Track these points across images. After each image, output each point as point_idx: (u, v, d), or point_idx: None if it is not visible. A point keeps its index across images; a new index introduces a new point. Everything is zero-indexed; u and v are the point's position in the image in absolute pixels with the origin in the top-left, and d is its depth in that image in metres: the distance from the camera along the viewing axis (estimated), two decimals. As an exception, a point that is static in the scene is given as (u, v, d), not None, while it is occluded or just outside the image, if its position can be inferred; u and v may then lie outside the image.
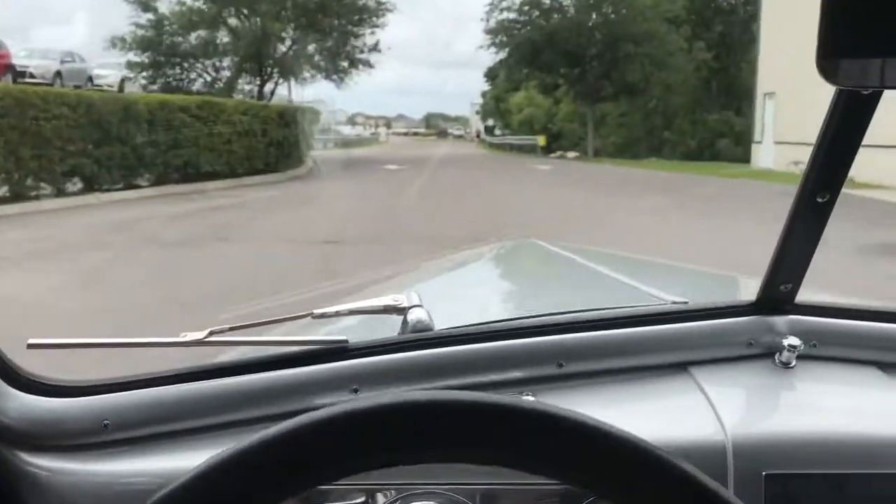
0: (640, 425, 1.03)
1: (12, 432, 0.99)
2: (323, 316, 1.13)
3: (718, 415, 1.04)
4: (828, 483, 0.99)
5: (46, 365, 0.99)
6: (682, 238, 8.89)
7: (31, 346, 0.97)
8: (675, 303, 1.30)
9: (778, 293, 1.16)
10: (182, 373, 1.04)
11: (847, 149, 1.01)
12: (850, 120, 0.97)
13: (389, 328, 1.19)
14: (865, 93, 0.93)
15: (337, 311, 1.14)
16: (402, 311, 1.15)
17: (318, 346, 1.08)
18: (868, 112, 0.97)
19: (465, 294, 1.96)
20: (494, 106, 44.79)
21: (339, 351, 1.08)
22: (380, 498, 0.98)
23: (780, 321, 1.17)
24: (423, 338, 1.12)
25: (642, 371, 1.15)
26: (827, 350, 1.16)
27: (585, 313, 1.20)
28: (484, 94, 48.68)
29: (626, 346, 1.15)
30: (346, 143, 35.81)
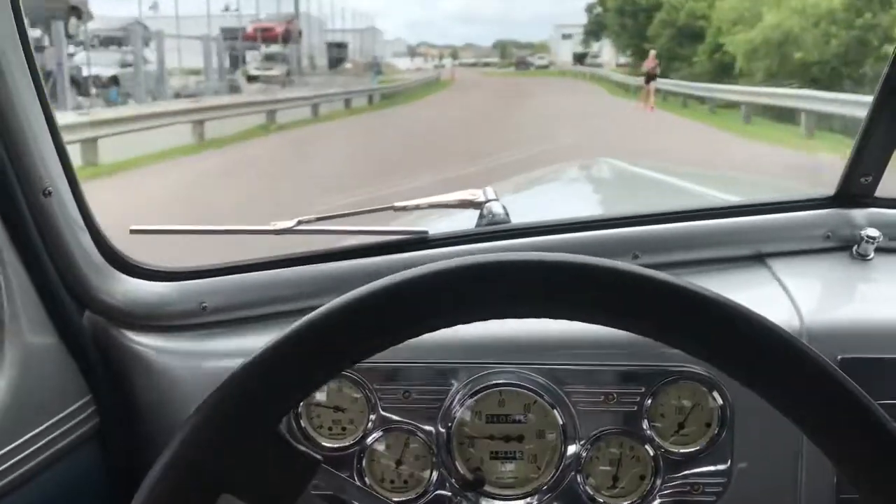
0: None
1: (121, 313, 1.06)
2: (404, 209, 1.17)
3: (795, 303, 1.05)
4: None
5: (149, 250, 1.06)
6: None
7: (133, 231, 1.04)
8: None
9: (858, 185, 1.15)
10: (272, 260, 1.10)
11: None
12: None
13: (467, 222, 1.22)
14: None
15: (417, 205, 1.17)
16: (478, 205, 1.19)
17: (399, 237, 1.12)
18: None
19: (540, 198, 1.98)
20: (637, 21, 26.77)
21: (419, 241, 1.12)
22: (461, 374, 1.02)
23: (859, 214, 1.16)
24: (499, 229, 1.15)
25: (719, 263, 1.16)
26: None
27: (661, 210, 1.21)
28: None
29: (701, 238, 1.16)
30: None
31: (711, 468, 1.02)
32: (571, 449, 1.03)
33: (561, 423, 1.02)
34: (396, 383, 1.03)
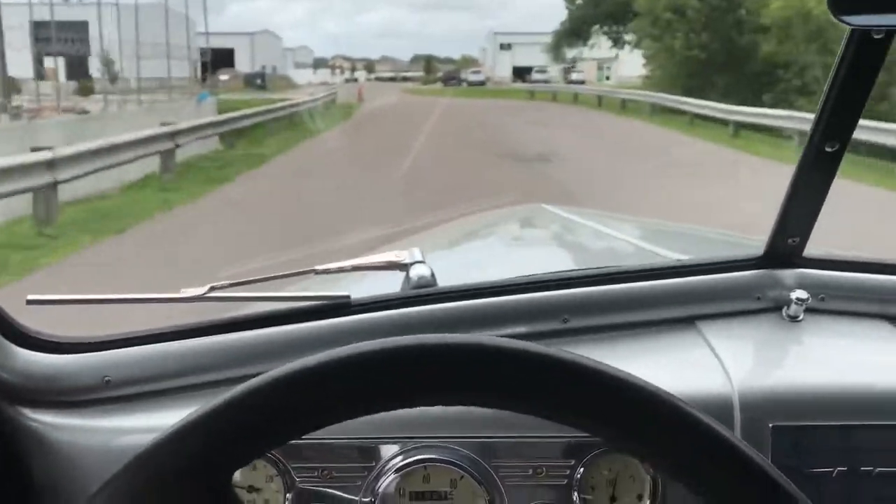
0: (649, 379, 1.03)
1: (15, 389, 0.98)
2: (326, 272, 1.12)
3: (725, 368, 1.03)
4: (834, 434, 0.98)
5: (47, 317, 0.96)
6: None
7: (30, 301, 0.96)
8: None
9: (786, 246, 1.15)
10: (183, 329, 1.04)
11: (857, 96, 0.98)
12: (861, 66, 0.95)
13: (392, 285, 1.18)
14: (877, 36, 0.91)
15: (340, 268, 1.13)
16: (404, 267, 1.14)
17: (320, 302, 1.07)
18: (879, 58, 0.94)
19: (469, 255, 1.95)
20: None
21: (341, 307, 1.07)
22: (384, 451, 0.97)
23: (788, 275, 1.15)
24: (425, 293, 1.11)
25: (649, 326, 1.14)
26: (835, 303, 1.15)
27: (591, 269, 1.19)
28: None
29: (632, 301, 1.14)
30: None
31: None
32: None
33: (488, 498, 0.97)
34: (315, 462, 0.97)
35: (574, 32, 38.52)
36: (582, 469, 0.98)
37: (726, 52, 21.79)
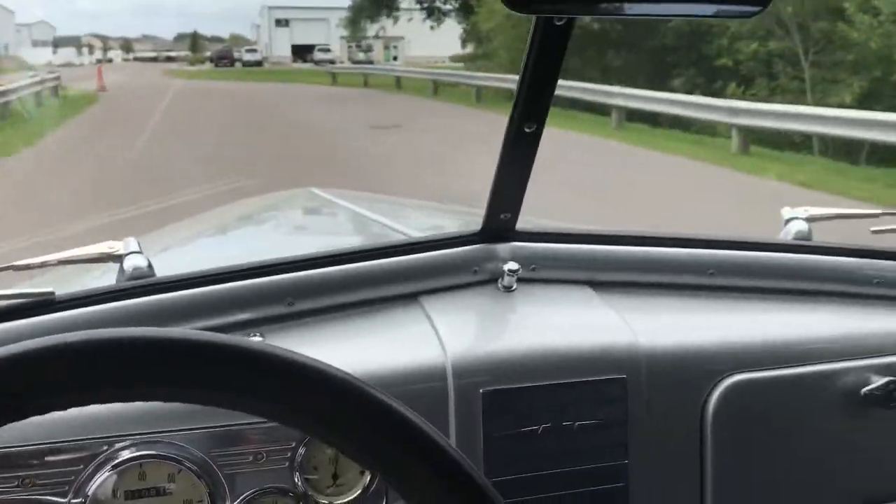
0: (369, 356, 1.06)
1: None
2: (27, 267, 1.05)
3: (441, 339, 1.08)
4: (540, 394, 1.06)
5: None
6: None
7: None
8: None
9: (499, 222, 1.22)
10: None
11: (547, 79, 1.06)
12: (547, 51, 1.02)
13: (107, 280, 1.12)
14: (559, 23, 0.98)
15: (43, 262, 1.06)
16: (118, 258, 1.09)
17: (20, 300, 1.00)
18: (562, 42, 1.01)
19: (206, 244, 1.90)
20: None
21: (44, 304, 1.01)
22: (94, 451, 0.93)
23: (503, 248, 1.23)
24: (141, 285, 1.07)
25: (374, 304, 1.17)
26: (545, 273, 1.24)
27: (317, 252, 1.20)
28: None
29: (357, 280, 1.16)
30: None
31: None
32: None
33: (208, 489, 0.96)
34: (14, 470, 0.91)
35: (376, 3, 33.97)
36: (303, 449, 0.99)
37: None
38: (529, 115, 1.09)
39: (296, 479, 0.99)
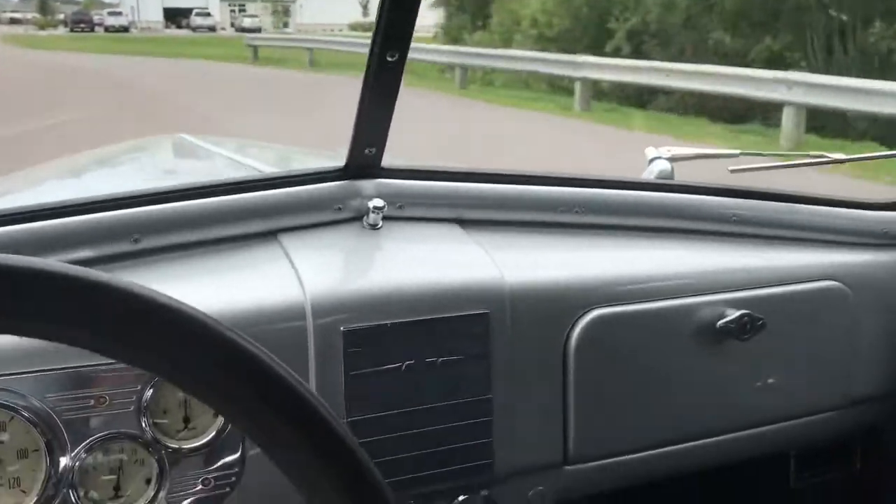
0: (221, 296, 1.01)
1: None
2: None
3: (301, 278, 1.04)
4: (403, 331, 1.04)
5: None
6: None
7: None
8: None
9: (364, 157, 1.17)
10: None
11: (409, 4, 1.02)
12: None
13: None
14: None
15: None
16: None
17: None
18: None
19: (55, 187, 1.78)
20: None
21: None
22: None
23: (368, 185, 1.19)
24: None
25: (229, 242, 1.11)
26: (412, 210, 1.21)
27: (165, 186, 1.12)
28: None
29: (210, 216, 1.10)
30: None
31: (222, 460, 0.97)
32: (63, 463, 0.90)
33: (45, 437, 0.89)
34: None
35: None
36: (150, 391, 0.93)
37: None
38: (391, 43, 1.05)
39: (143, 424, 0.93)
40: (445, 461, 1.07)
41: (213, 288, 1.03)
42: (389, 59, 1.06)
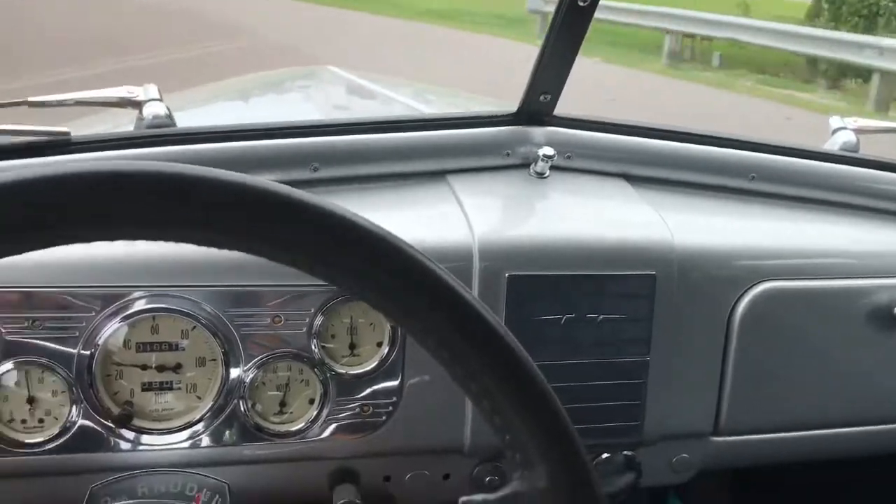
0: (394, 229, 1.02)
1: None
2: (42, 105, 0.99)
3: (469, 220, 1.04)
4: (565, 283, 1.03)
5: None
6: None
7: None
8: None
9: (537, 103, 1.16)
10: None
11: None
12: None
13: (123, 127, 1.07)
14: None
15: (59, 101, 1.00)
16: (137, 104, 1.04)
17: (32, 138, 0.95)
18: None
19: (224, 108, 1.83)
20: None
21: (58, 144, 0.96)
22: (106, 299, 0.90)
23: (538, 132, 1.17)
24: (160, 134, 1.02)
25: (399, 178, 1.12)
26: (580, 162, 1.18)
27: (343, 118, 1.14)
28: None
29: (382, 151, 1.11)
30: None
31: (382, 387, 1.00)
32: (235, 375, 0.95)
33: (223, 349, 0.93)
34: (24, 311, 0.88)
35: None
36: (321, 318, 0.96)
37: None
38: None
39: (313, 346, 0.96)
40: (594, 419, 1.06)
41: (386, 222, 1.04)
42: (581, 3, 1.03)
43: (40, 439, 0.91)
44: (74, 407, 0.91)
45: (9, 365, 0.89)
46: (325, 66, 2.49)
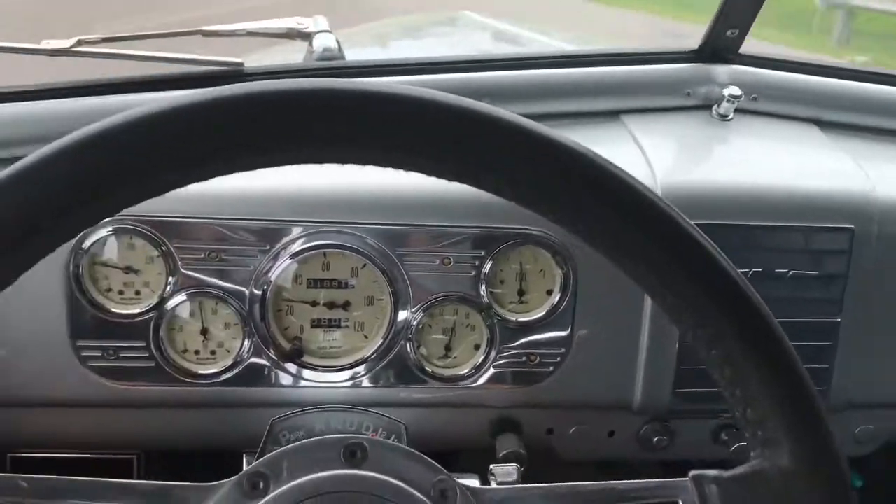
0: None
1: None
2: (214, 34, 0.98)
3: (650, 162, 0.97)
4: (753, 234, 0.95)
5: None
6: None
7: None
8: None
9: (723, 39, 1.07)
10: (45, 88, 0.90)
11: None
12: None
13: (291, 59, 1.05)
14: None
15: (231, 31, 0.99)
16: (307, 36, 1.01)
17: (208, 68, 0.94)
18: None
19: (382, 43, 1.80)
20: None
21: (232, 74, 0.94)
22: (278, 233, 0.88)
23: (722, 70, 1.08)
24: (330, 66, 0.99)
25: (571, 117, 1.06)
26: (767, 104, 1.09)
27: (514, 53, 1.08)
28: None
29: (556, 88, 1.05)
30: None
31: (550, 337, 0.95)
32: (402, 316, 0.92)
33: (392, 288, 0.91)
34: (201, 242, 0.88)
35: None
36: (491, 262, 0.92)
37: None
38: None
39: (481, 291, 0.93)
40: None
41: None
42: None
43: (213, 370, 0.92)
44: (246, 340, 0.91)
45: (183, 296, 0.89)
46: (462, 11, 2.43)
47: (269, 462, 0.51)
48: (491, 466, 0.86)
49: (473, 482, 0.79)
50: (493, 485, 0.83)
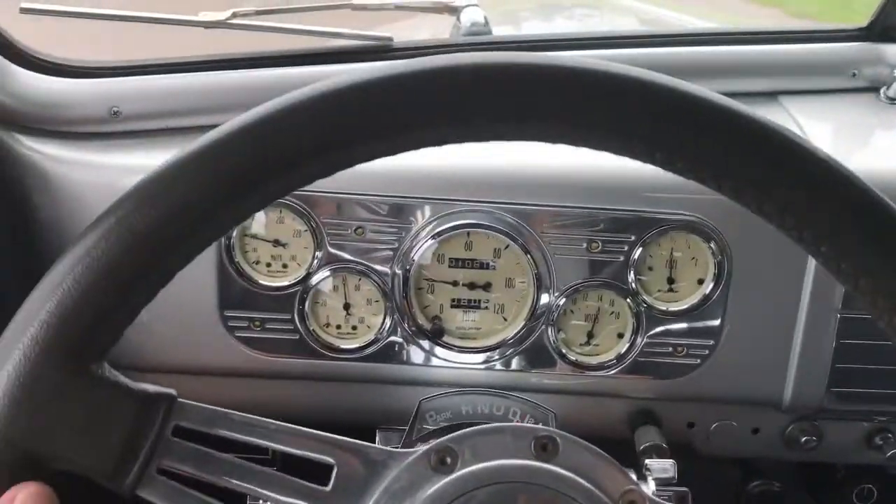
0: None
1: (13, 113, 0.87)
2: (364, 8, 0.97)
3: None
4: None
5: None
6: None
7: (24, 10, 0.83)
8: None
9: (895, 16, 0.99)
10: (202, 61, 0.91)
11: None
12: None
13: (438, 33, 1.03)
14: None
15: (381, 4, 0.98)
16: (454, 10, 1.00)
17: (358, 42, 0.93)
18: None
19: (528, 23, 1.77)
20: None
21: (382, 49, 0.94)
22: (422, 212, 0.87)
23: (893, 50, 1.01)
24: (478, 41, 0.97)
25: (729, 96, 1.01)
26: None
27: (667, 31, 1.04)
28: None
29: (706, 66, 1.00)
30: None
31: (699, 327, 0.91)
32: (544, 300, 0.90)
33: (535, 271, 0.89)
34: (348, 218, 0.87)
35: None
36: (640, 248, 0.89)
37: None
38: None
39: (629, 277, 0.89)
40: None
41: None
42: None
43: (355, 345, 0.92)
44: (387, 317, 0.91)
45: (328, 271, 0.89)
46: None
47: (458, 439, 0.50)
48: (646, 462, 0.83)
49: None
50: (650, 480, 0.80)
